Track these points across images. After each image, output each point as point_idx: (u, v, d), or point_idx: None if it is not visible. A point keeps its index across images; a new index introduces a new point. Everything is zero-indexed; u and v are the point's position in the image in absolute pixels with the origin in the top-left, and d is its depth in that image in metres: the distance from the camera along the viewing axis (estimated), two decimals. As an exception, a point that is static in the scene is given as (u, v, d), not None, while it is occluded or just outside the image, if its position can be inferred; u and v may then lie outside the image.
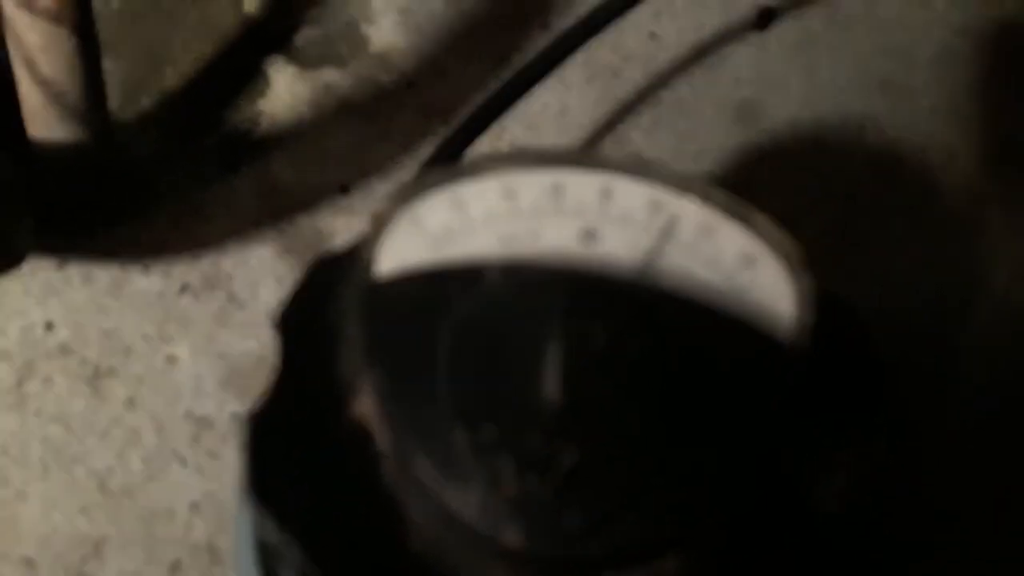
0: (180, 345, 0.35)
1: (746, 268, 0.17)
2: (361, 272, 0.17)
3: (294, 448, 0.16)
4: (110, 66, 0.36)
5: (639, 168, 0.18)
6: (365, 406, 0.16)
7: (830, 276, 0.18)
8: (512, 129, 0.38)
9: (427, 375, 0.16)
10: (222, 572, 0.31)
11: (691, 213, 0.18)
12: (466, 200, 0.18)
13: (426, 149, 0.39)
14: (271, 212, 0.38)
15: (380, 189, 0.39)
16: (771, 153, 0.40)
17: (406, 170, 0.39)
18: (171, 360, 0.35)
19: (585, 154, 0.18)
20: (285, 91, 0.40)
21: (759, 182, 0.39)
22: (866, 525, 0.17)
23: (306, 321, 0.18)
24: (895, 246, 0.38)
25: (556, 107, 0.39)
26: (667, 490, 0.15)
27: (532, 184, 0.18)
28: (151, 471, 0.33)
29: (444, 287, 0.17)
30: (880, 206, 0.39)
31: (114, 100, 0.37)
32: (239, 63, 0.41)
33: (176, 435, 0.34)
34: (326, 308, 0.18)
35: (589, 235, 0.18)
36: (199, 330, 0.36)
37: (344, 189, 0.39)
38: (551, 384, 0.16)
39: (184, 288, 0.36)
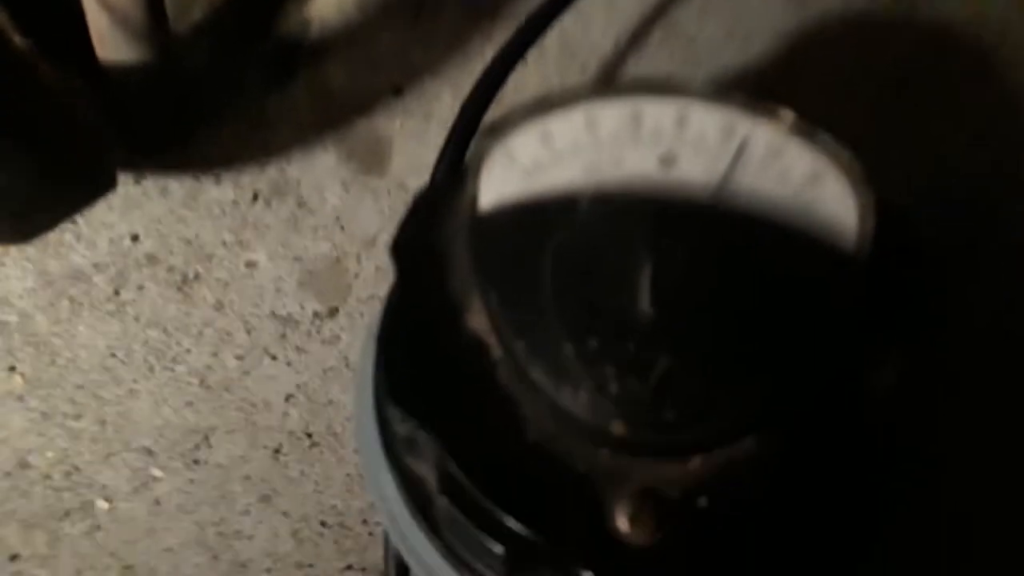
0: (257, 250, 0.38)
1: (812, 185, 0.19)
2: (467, 205, 0.19)
3: (420, 358, 0.19)
4: (160, -22, 0.36)
5: (712, 94, 0.20)
6: (479, 322, 0.19)
7: (872, 158, 0.20)
8: (563, 21, 0.39)
9: (532, 294, 0.18)
10: (319, 453, 0.35)
11: (761, 135, 0.19)
12: (552, 133, 0.20)
13: (474, 46, 0.39)
14: (329, 118, 0.39)
15: (432, 89, 0.40)
16: (820, 35, 0.40)
17: (456, 69, 0.40)
18: (251, 265, 0.37)
19: (661, 82, 0.19)
20: (330, -7, 0.40)
21: (808, 65, 0.39)
22: (909, 412, 0.19)
23: (416, 247, 0.20)
24: (939, 128, 0.38)
25: (603, -1, 0.39)
26: (744, 386, 0.18)
27: (612, 114, 0.20)
28: (245, 367, 0.36)
29: (539, 215, 0.19)
30: (926, 88, 0.39)
31: (168, 14, 0.38)
32: (283, -34, 0.41)
33: (264, 334, 0.36)
34: (432, 234, 0.20)
35: (667, 160, 0.19)
36: (274, 236, 0.38)
37: (397, 91, 0.40)
38: (643, 298, 0.18)
39: (256, 196, 0.38)
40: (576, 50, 0.39)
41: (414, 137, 0.39)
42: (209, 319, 0.36)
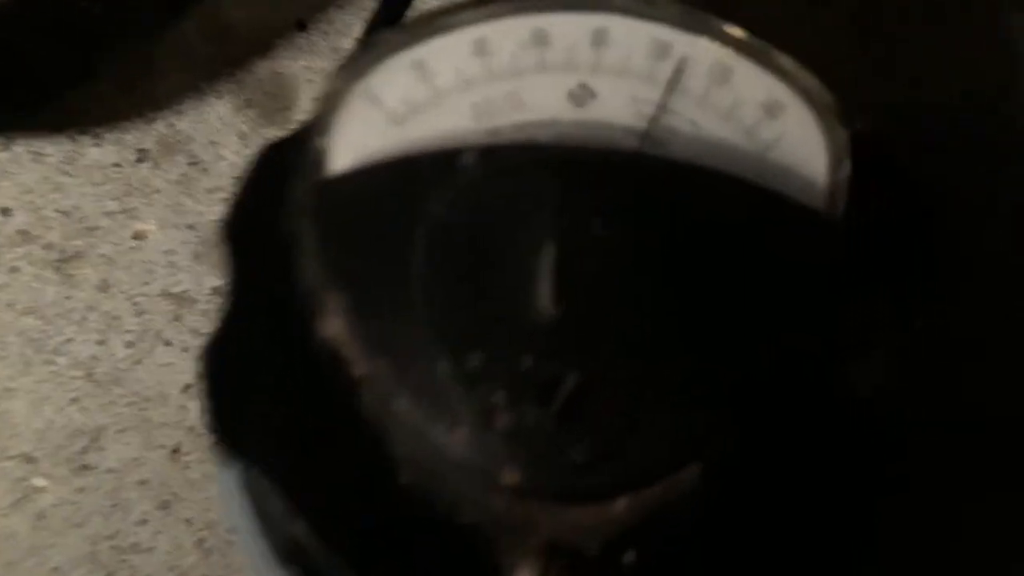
0: (146, 219, 0.33)
1: (770, 119, 0.14)
2: (312, 166, 0.14)
3: (258, 380, 0.14)
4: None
5: (636, 4, 0.15)
6: (333, 328, 0.14)
7: (851, 71, 0.15)
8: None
9: (400, 290, 0.14)
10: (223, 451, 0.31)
11: (702, 56, 0.15)
12: (429, 64, 0.15)
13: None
14: (225, 60, 0.34)
15: (340, 21, 0.35)
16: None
17: (369, -2, 0.35)
18: (139, 236, 0.33)
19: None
20: (221, -87, 0.35)
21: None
22: (898, 408, 0.15)
23: (257, 228, 0.15)
24: (919, 37, 0.34)
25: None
26: (682, 404, 0.13)
27: (508, 36, 0.15)
28: (136, 355, 0.32)
29: (412, 178, 0.14)
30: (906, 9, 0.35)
31: (25, -57, 0.33)
32: None
33: (156, 316, 0.32)
34: (279, 209, 0.15)
35: (582, 93, 0.15)
36: (164, 201, 0.33)
37: (301, 26, 0.35)
38: (544, 294, 0.13)
39: (141, 156, 0.34)
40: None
41: (322, 78, 0.34)
42: (93, 302, 0.32)
